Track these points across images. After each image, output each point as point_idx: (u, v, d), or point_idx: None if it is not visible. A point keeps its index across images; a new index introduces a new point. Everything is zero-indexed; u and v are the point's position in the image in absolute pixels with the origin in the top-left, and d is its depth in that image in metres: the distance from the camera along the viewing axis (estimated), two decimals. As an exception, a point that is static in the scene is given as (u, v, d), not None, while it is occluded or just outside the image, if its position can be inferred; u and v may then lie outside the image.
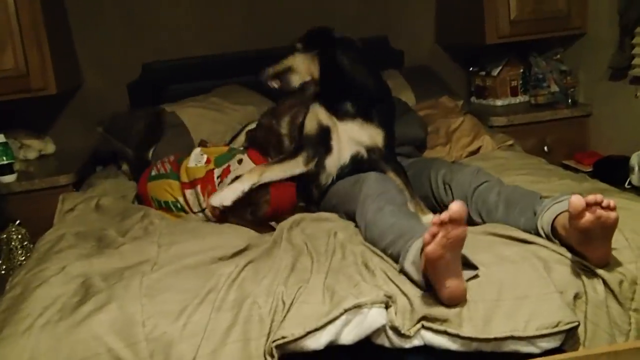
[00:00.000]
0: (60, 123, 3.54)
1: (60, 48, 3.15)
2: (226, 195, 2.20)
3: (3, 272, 2.52)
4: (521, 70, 3.57)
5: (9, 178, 2.91)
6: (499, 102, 3.56)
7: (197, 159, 2.46)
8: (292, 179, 2.32)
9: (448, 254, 1.54)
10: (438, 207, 2.21)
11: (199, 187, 2.38)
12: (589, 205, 1.59)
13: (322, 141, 2.29)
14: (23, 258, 2.53)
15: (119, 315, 1.63)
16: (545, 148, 3.26)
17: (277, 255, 1.87)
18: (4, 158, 2.90)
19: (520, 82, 3.58)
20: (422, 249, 1.58)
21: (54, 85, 2.96)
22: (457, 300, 1.60)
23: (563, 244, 1.76)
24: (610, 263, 1.71)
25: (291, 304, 1.62)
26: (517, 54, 3.59)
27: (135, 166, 2.86)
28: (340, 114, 2.27)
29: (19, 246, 2.54)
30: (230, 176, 2.32)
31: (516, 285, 1.64)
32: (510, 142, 2.93)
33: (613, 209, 1.60)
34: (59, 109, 3.52)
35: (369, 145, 2.26)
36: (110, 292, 1.71)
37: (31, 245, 2.54)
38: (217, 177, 2.36)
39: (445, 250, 1.53)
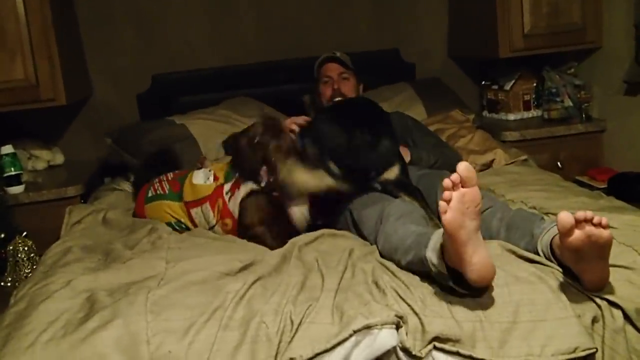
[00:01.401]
0: (69, 133, 3.53)
1: (71, 58, 3.14)
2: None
3: (9, 284, 2.49)
4: (534, 84, 3.53)
5: (17, 189, 2.90)
6: (511, 117, 3.52)
7: (205, 176, 2.41)
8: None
9: (467, 222, 1.51)
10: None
11: (207, 205, 2.35)
12: (578, 222, 1.53)
13: None
14: (29, 270, 2.49)
15: (123, 332, 1.59)
16: (559, 164, 3.22)
17: (286, 271, 1.84)
18: (12, 169, 2.89)
19: (533, 96, 3.54)
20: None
21: (63, 96, 2.95)
22: (487, 280, 1.55)
23: (561, 265, 1.71)
24: (614, 287, 1.64)
25: (299, 323, 1.58)
26: (530, 67, 3.55)
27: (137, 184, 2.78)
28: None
29: (25, 258, 2.51)
30: (244, 189, 2.28)
31: (532, 307, 1.59)
32: (524, 157, 2.89)
33: (605, 226, 1.53)
34: (68, 119, 3.51)
35: (383, 182, 2.25)
36: (115, 308, 1.68)
37: (37, 258, 2.50)
38: (227, 192, 2.33)
39: (464, 217, 1.50)
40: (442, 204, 1.53)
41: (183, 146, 2.95)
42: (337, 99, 2.78)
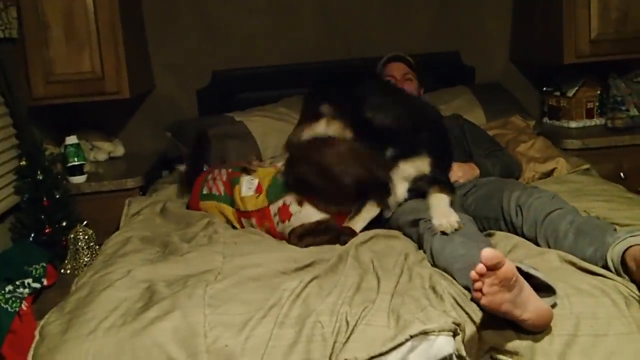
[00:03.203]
0: (130, 126, 3.60)
1: (135, 53, 3.20)
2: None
3: (68, 271, 2.56)
4: (598, 92, 3.43)
5: (79, 179, 2.97)
6: (573, 124, 3.43)
7: (248, 185, 2.40)
8: None
9: (507, 295, 1.48)
10: (507, 229, 2.13)
11: (254, 220, 2.35)
12: None
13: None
14: (88, 259, 2.55)
15: (181, 324, 1.62)
16: (622, 174, 3.11)
17: (342, 271, 1.83)
18: (76, 159, 2.96)
19: (597, 104, 3.44)
20: None
21: (127, 89, 3.01)
22: (544, 326, 1.53)
23: (633, 279, 1.66)
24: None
25: (355, 325, 1.58)
26: (595, 74, 3.46)
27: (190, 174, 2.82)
28: None
29: (84, 247, 2.57)
30: (294, 222, 2.24)
31: (594, 321, 1.55)
32: (586, 166, 2.81)
33: None
34: (130, 112, 3.58)
35: (417, 176, 2.25)
36: (174, 300, 1.71)
37: (97, 247, 2.57)
38: (275, 215, 2.30)
39: (502, 294, 1.47)
40: (475, 294, 1.50)
41: (241, 143, 2.97)
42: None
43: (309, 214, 2.23)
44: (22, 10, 2.84)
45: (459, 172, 2.51)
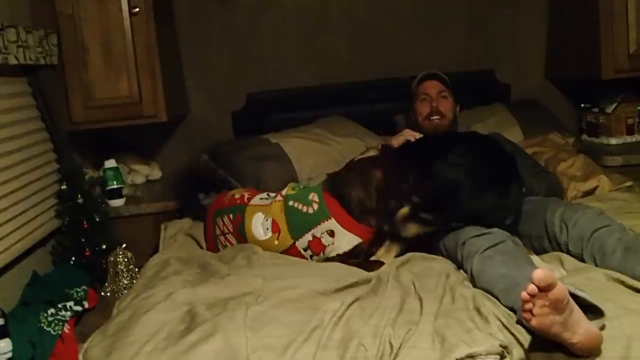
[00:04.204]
0: (166, 149, 3.64)
1: (171, 76, 3.24)
2: None
3: (108, 294, 2.57)
4: (638, 108, 3.37)
5: (118, 202, 3.00)
6: (613, 141, 3.36)
7: (262, 227, 2.31)
8: None
9: (558, 317, 1.45)
10: (551, 246, 2.10)
11: None
12: None
13: None
14: (127, 281, 2.57)
15: (223, 346, 1.62)
16: (665, 191, 3.04)
17: (383, 293, 1.82)
18: (115, 182, 2.99)
19: (637, 119, 3.38)
20: None
21: (164, 113, 3.04)
22: (594, 350, 1.49)
23: None
24: None
25: (399, 347, 1.56)
26: (634, 89, 3.39)
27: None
28: None
29: (124, 269, 2.59)
30: (329, 253, 2.21)
31: (646, 343, 1.51)
32: (629, 183, 2.75)
33: None
34: (166, 135, 3.62)
35: None
36: (216, 323, 1.71)
37: (136, 269, 2.59)
38: (306, 249, 2.23)
39: (553, 316, 1.44)
40: (524, 315, 1.48)
41: (277, 165, 2.97)
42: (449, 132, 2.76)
43: (342, 244, 2.20)
44: (61, 36, 2.89)
45: None
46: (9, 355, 2.05)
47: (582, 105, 3.58)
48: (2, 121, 2.41)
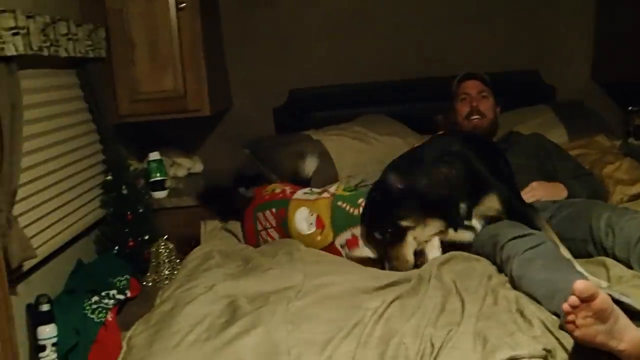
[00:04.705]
0: (208, 143, 3.68)
1: (215, 72, 3.27)
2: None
3: (150, 283, 2.62)
4: (688, 111, 3.29)
5: (161, 194, 3.05)
6: (660, 145, 3.29)
7: (306, 221, 2.32)
8: None
9: (603, 327, 1.42)
10: (596, 250, 2.06)
11: None
12: None
13: None
14: (169, 272, 2.61)
15: (264, 340, 1.63)
16: None
17: (424, 292, 1.81)
18: (158, 175, 3.04)
19: (686, 123, 3.30)
20: None
21: (208, 107, 3.07)
22: None
23: None
24: None
25: (440, 347, 1.55)
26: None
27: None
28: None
29: (166, 260, 2.64)
30: (361, 253, 2.21)
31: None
32: (677, 188, 2.68)
33: None
34: (208, 129, 3.66)
35: (493, 215, 2.17)
36: (257, 316, 1.72)
37: (177, 260, 2.62)
38: (343, 247, 2.25)
39: (596, 326, 1.41)
40: (568, 326, 1.45)
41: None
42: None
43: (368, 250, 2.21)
44: (110, 30, 2.95)
45: (540, 191, 2.44)
46: (54, 340, 2.11)
47: (630, 108, 3.50)
48: (51, 112, 2.47)
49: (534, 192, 2.43)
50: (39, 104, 2.37)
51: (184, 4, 2.96)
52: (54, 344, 2.11)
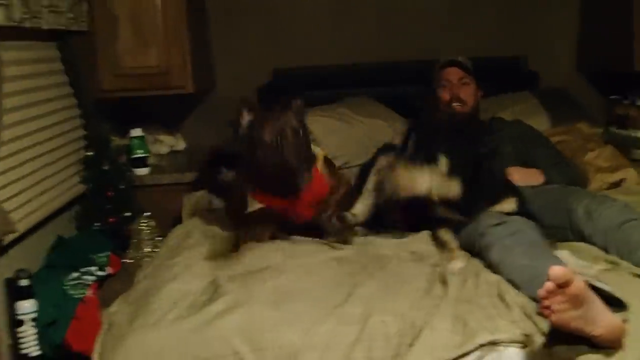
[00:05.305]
0: (191, 121, 3.64)
1: (199, 49, 3.24)
2: None
3: (130, 260, 2.60)
4: (670, 101, 3.32)
5: (143, 171, 3.02)
6: (642, 134, 3.32)
7: None
8: None
9: (576, 312, 1.43)
10: (574, 237, 2.08)
11: None
12: None
13: None
14: (149, 249, 2.60)
15: (247, 318, 1.64)
16: (694, 187, 3.00)
17: (407, 273, 1.82)
18: (140, 151, 3.01)
19: (668, 113, 3.33)
20: None
21: (191, 84, 3.04)
22: (617, 341, 1.47)
23: None
24: None
25: (420, 328, 1.56)
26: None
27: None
28: None
29: (147, 238, 2.63)
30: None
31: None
32: (658, 177, 2.72)
33: None
34: (192, 107, 3.63)
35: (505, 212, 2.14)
36: (238, 294, 1.72)
37: (158, 238, 2.61)
38: None
39: (572, 309, 1.42)
40: (544, 311, 1.45)
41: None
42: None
43: None
44: (93, 3, 2.89)
45: (516, 176, 2.45)
46: (34, 315, 2.09)
47: (612, 96, 3.54)
48: (30, 85, 2.43)
49: (510, 178, 2.44)
50: (19, 77, 2.32)
51: (168, -20, 2.92)
52: (33, 319, 2.10)
